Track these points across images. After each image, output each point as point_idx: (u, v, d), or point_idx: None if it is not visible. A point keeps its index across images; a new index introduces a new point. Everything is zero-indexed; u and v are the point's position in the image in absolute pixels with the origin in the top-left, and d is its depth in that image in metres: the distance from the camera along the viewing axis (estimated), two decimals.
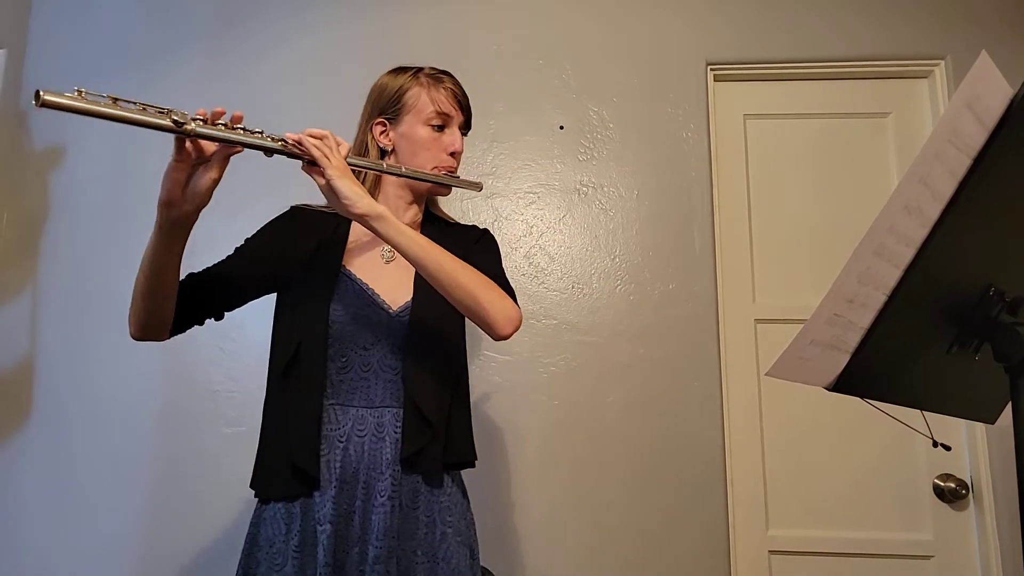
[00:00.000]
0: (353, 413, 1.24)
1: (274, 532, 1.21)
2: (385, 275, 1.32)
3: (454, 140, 1.35)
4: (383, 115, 1.37)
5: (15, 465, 2.12)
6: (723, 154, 2.20)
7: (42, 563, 2.05)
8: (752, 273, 2.13)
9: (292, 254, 1.32)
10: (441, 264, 1.17)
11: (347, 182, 1.13)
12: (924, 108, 2.17)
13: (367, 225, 1.14)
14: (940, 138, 0.76)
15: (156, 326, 1.21)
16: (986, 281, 0.87)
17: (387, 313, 1.27)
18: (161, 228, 1.09)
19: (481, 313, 1.19)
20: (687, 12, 2.24)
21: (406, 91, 1.35)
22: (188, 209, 1.07)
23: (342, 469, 1.20)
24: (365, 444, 1.22)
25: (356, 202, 1.12)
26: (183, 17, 2.36)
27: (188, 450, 2.07)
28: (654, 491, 1.97)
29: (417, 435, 1.22)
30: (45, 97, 0.89)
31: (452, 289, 1.17)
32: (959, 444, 1.99)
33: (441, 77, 1.38)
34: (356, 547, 1.17)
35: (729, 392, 2.05)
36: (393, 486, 1.20)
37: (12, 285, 2.22)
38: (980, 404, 0.99)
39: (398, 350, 1.26)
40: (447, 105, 1.35)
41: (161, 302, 1.17)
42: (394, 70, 1.42)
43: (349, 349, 1.25)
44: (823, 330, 0.78)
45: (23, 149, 2.31)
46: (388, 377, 1.25)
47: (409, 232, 1.16)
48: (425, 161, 1.33)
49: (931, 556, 1.94)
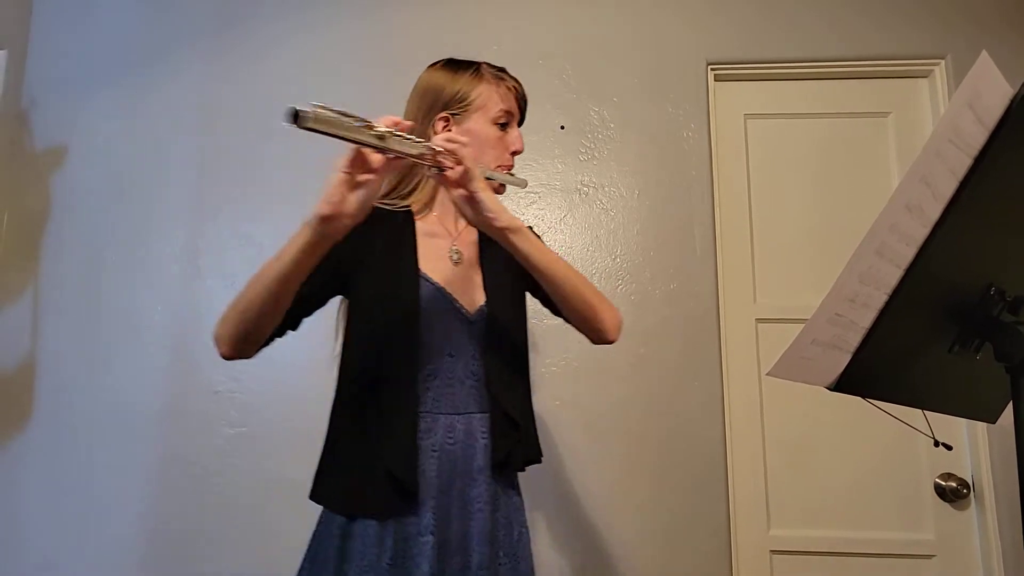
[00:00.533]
0: (443, 421, 1.20)
1: (366, 545, 1.14)
2: (457, 278, 1.29)
3: (516, 139, 1.33)
4: (446, 111, 1.31)
5: (17, 466, 2.12)
6: (724, 154, 2.20)
7: (44, 563, 2.06)
8: (753, 273, 2.13)
9: (364, 255, 1.25)
10: (568, 275, 1.18)
11: (491, 195, 1.10)
12: (924, 108, 2.17)
13: (504, 238, 1.12)
14: (941, 137, 0.76)
15: (255, 343, 1.15)
16: (987, 280, 0.87)
17: (466, 318, 1.25)
18: (311, 243, 1.01)
19: (595, 321, 1.22)
20: (687, 12, 2.24)
21: (473, 88, 1.31)
22: (348, 223, 1.01)
23: (439, 479, 1.17)
24: (457, 451, 1.19)
25: (500, 215, 1.09)
26: (183, 17, 2.36)
27: (190, 451, 2.07)
28: (655, 491, 1.97)
29: (506, 439, 1.22)
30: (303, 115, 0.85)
31: (573, 299, 1.19)
32: (960, 444, 1.99)
33: (502, 75, 1.36)
34: (457, 555, 1.15)
35: (730, 392, 2.05)
36: (487, 492, 1.19)
37: (13, 286, 2.23)
38: (981, 403, 0.99)
39: (479, 355, 1.25)
40: (513, 103, 1.34)
41: (277, 318, 1.12)
42: (450, 64, 1.36)
43: (436, 356, 1.22)
44: (824, 330, 0.78)
45: (24, 150, 2.31)
46: (471, 383, 1.23)
47: (540, 244, 1.16)
48: (490, 160, 1.30)
49: (932, 556, 1.94)
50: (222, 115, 2.28)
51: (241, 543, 2.01)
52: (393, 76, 2.26)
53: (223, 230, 2.21)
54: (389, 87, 2.25)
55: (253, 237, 2.19)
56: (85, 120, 2.32)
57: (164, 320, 2.16)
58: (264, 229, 2.19)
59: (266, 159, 2.23)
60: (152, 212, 2.24)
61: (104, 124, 2.32)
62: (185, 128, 2.29)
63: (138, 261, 2.21)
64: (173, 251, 2.21)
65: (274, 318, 1.12)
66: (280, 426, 2.06)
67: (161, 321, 2.16)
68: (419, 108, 1.34)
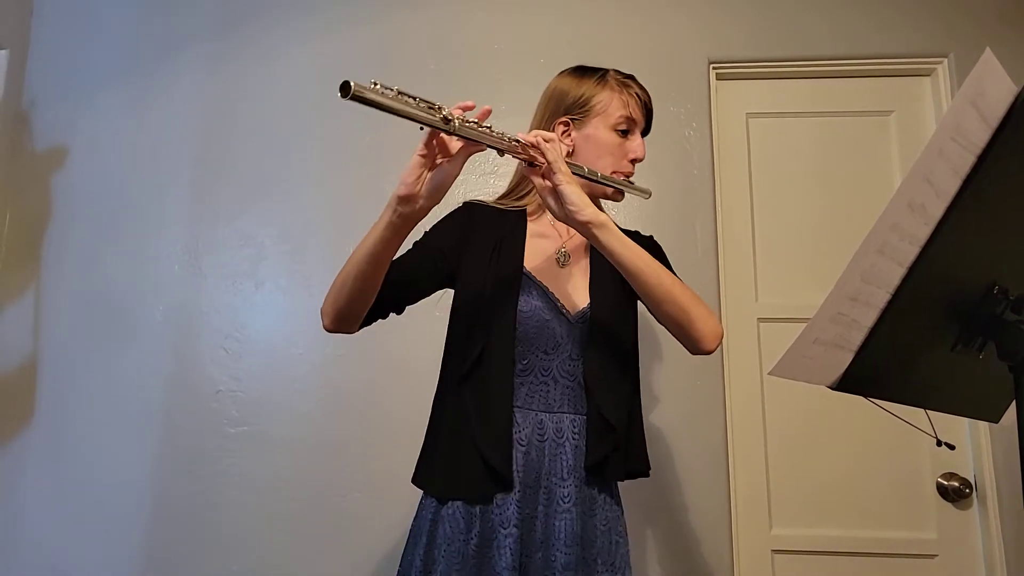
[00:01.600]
0: (533, 418, 1.23)
1: (453, 531, 1.18)
2: (562, 279, 1.30)
3: (637, 147, 1.34)
4: (568, 115, 1.34)
5: (18, 466, 2.12)
6: (726, 153, 2.19)
7: (47, 563, 2.06)
8: (755, 272, 2.13)
9: (472, 250, 1.30)
10: (660, 277, 1.15)
11: (575, 188, 1.11)
12: (927, 106, 2.17)
13: (588, 233, 1.12)
14: (944, 135, 0.75)
15: (353, 318, 1.19)
16: (990, 279, 0.86)
17: (567, 319, 1.26)
18: (392, 223, 1.07)
19: (690, 328, 1.19)
20: (690, 11, 2.24)
21: (596, 93, 1.33)
22: (425, 204, 1.06)
23: (524, 473, 1.19)
24: (546, 449, 1.21)
25: (583, 209, 1.10)
26: (184, 19, 2.36)
27: (192, 450, 2.07)
28: (656, 490, 1.97)
29: (602, 443, 1.21)
30: (356, 90, 0.90)
31: (665, 303, 1.17)
32: (963, 443, 1.99)
33: (628, 82, 1.36)
34: (539, 552, 1.16)
35: (732, 392, 2.05)
36: (577, 493, 1.19)
37: (15, 286, 2.23)
38: (984, 403, 0.99)
39: (578, 356, 1.25)
40: (636, 111, 1.34)
41: (369, 295, 1.16)
42: (577, 70, 1.38)
43: (531, 353, 1.24)
44: (826, 329, 0.78)
45: (25, 150, 2.31)
46: (567, 383, 1.25)
47: (629, 242, 1.14)
48: (606, 165, 1.31)
49: (935, 555, 1.94)
50: (223, 115, 2.28)
51: (243, 542, 2.01)
52: (396, 77, 2.26)
53: (224, 230, 2.21)
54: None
55: (254, 237, 2.19)
56: (86, 121, 2.32)
57: (165, 320, 2.17)
58: (265, 229, 2.19)
59: (267, 159, 2.23)
60: (153, 212, 2.24)
61: (105, 124, 2.32)
62: (186, 128, 2.29)
63: (139, 261, 2.21)
64: (174, 251, 2.21)
65: (365, 296, 1.16)
66: (281, 425, 2.07)
67: (162, 321, 2.17)
68: (543, 113, 1.38)
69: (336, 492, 2.01)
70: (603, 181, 1.27)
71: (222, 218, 2.22)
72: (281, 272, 2.17)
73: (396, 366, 2.05)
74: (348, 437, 2.04)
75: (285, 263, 2.18)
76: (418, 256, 1.28)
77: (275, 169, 2.23)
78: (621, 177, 1.32)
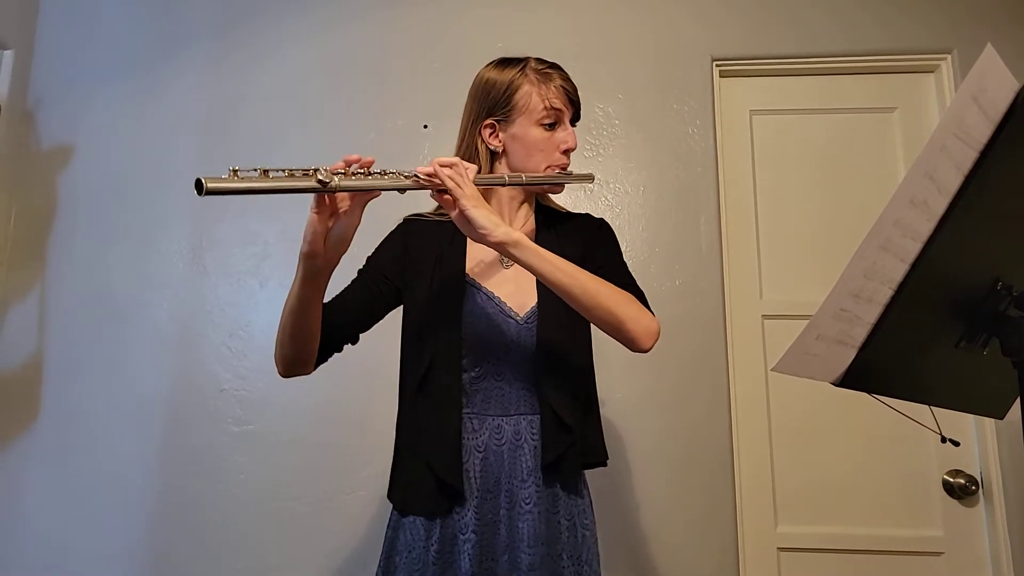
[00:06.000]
0: (489, 422, 1.23)
1: (414, 539, 1.20)
2: (507, 281, 1.30)
3: (567, 137, 1.31)
4: (492, 116, 1.31)
5: (24, 464, 2.13)
6: (729, 150, 2.19)
7: (52, 560, 2.07)
8: (759, 269, 2.12)
9: (414, 267, 1.31)
10: (584, 287, 1.14)
11: (482, 211, 1.10)
12: (931, 103, 2.16)
13: (504, 252, 1.12)
14: (945, 132, 0.75)
15: (303, 363, 1.22)
16: (994, 275, 0.86)
17: (515, 321, 1.26)
18: (305, 278, 1.10)
19: (622, 330, 1.17)
20: (693, 8, 2.23)
21: (515, 90, 1.30)
22: (331, 256, 1.10)
23: (483, 479, 1.20)
24: (504, 453, 1.22)
25: (493, 231, 1.10)
26: (188, 18, 2.37)
27: (196, 449, 2.08)
28: (662, 488, 1.97)
29: (557, 441, 1.21)
30: (209, 185, 0.96)
31: (593, 309, 1.16)
32: (968, 440, 1.98)
33: (549, 73, 1.32)
34: (505, 555, 1.17)
35: (737, 389, 2.04)
36: (537, 493, 1.20)
37: (20, 285, 2.24)
38: (989, 399, 0.99)
39: (529, 357, 1.25)
40: (558, 101, 1.30)
41: (309, 342, 1.19)
42: (498, 64, 1.35)
43: (483, 359, 1.24)
44: (829, 325, 0.78)
45: (30, 149, 2.32)
46: (521, 385, 1.25)
47: (548, 256, 1.14)
48: (539, 162, 1.29)
49: (941, 552, 1.94)
50: (226, 113, 2.29)
51: (246, 540, 2.02)
52: (399, 76, 2.28)
53: (228, 228, 2.22)
54: (395, 87, 2.26)
55: (259, 235, 2.20)
56: (91, 119, 2.33)
57: (170, 318, 2.17)
58: (269, 227, 2.20)
59: (271, 157, 2.23)
60: (158, 210, 2.25)
61: (110, 123, 2.32)
62: (190, 127, 2.29)
63: (144, 259, 2.22)
64: (179, 249, 2.21)
65: (307, 342, 1.19)
66: (285, 425, 2.07)
67: (167, 319, 2.17)
68: (468, 115, 1.36)
69: (339, 491, 2.02)
70: (530, 183, 1.28)
71: (226, 216, 2.23)
72: (285, 270, 2.17)
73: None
74: (351, 437, 2.04)
75: (289, 260, 2.14)
76: (361, 285, 1.30)
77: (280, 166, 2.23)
78: (556, 171, 1.30)
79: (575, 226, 1.39)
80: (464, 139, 1.34)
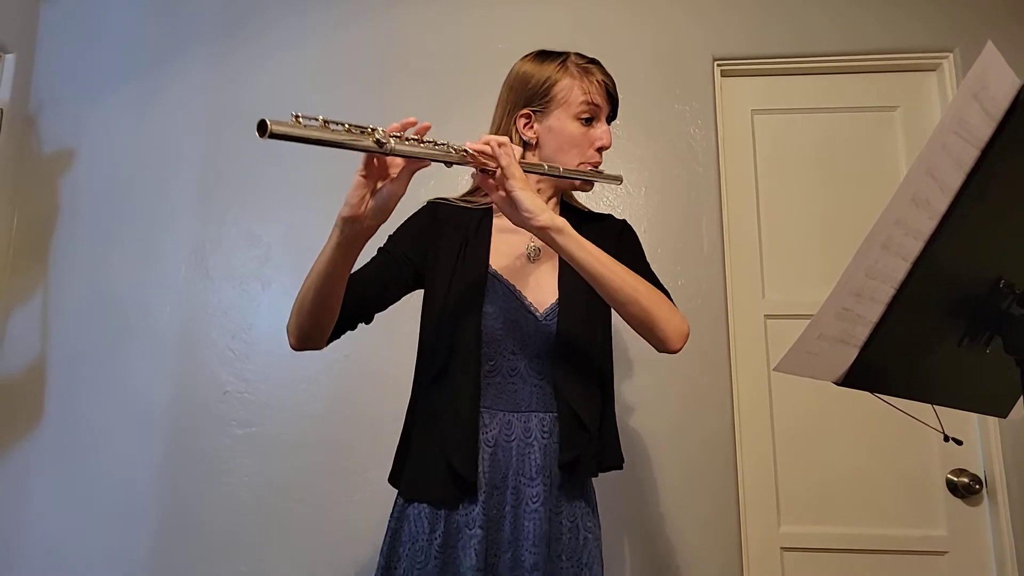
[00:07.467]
0: (500, 418, 1.21)
1: (417, 530, 1.19)
2: (529, 275, 1.28)
3: (602, 134, 1.30)
4: (529, 106, 1.29)
5: (27, 467, 2.14)
6: (730, 149, 2.19)
7: (55, 563, 2.07)
8: (761, 269, 2.12)
9: (437, 252, 1.28)
10: (623, 279, 1.12)
11: (528, 193, 1.08)
12: (932, 101, 2.16)
13: (545, 237, 1.10)
14: (947, 129, 0.75)
15: (318, 336, 1.17)
16: (996, 273, 0.86)
17: (534, 317, 1.24)
18: (340, 243, 1.04)
19: (655, 329, 1.16)
20: (694, 7, 2.23)
21: (556, 83, 1.28)
22: (371, 224, 1.04)
23: (491, 473, 1.18)
24: (513, 449, 1.20)
25: (539, 214, 1.08)
26: (190, 21, 2.37)
27: (199, 452, 2.08)
28: (664, 488, 1.97)
29: (575, 442, 1.20)
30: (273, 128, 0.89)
31: (628, 304, 1.13)
32: (972, 438, 1.97)
33: (590, 67, 1.31)
34: (508, 552, 1.16)
35: (739, 389, 2.04)
36: (545, 492, 1.18)
37: (23, 288, 2.24)
38: (992, 397, 0.98)
39: (546, 355, 1.23)
40: (598, 97, 1.30)
41: (330, 313, 1.15)
42: (538, 56, 1.33)
43: (497, 353, 1.23)
44: (831, 324, 0.78)
45: (32, 153, 2.33)
46: (535, 382, 1.23)
47: (589, 246, 1.11)
48: (573, 157, 1.28)
49: (945, 552, 1.93)
50: (229, 117, 2.29)
51: (249, 542, 2.02)
52: (401, 75, 2.28)
53: (231, 231, 2.22)
54: (397, 87, 2.27)
55: (261, 238, 2.20)
56: (93, 123, 2.34)
57: (173, 321, 2.17)
58: (272, 230, 2.20)
59: (274, 160, 2.24)
60: (160, 213, 2.25)
61: (112, 127, 2.33)
62: (192, 130, 2.29)
63: (146, 262, 2.22)
64: (181, 252, 2.22)
65: (326, 313, 1.14)
66: (289, 427, 2.07)
67: (170, 322, 2.17)
68: (504, 105, 1.34)
69: (343, 493, 2.02)
70: (567, 176, 1.25)
71: (228, 219, 2.23)
72: (287, 272, 2.17)
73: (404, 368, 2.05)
74: (355, 438, 2.04)
75: (291, 263, 2.18)
76: (382, 263, 1.27)
77: (281, 169, 2.24)
78: (588, 167, 1.29)
79: (599, 226, 1.37)
80: (500, 129, 1.32)
